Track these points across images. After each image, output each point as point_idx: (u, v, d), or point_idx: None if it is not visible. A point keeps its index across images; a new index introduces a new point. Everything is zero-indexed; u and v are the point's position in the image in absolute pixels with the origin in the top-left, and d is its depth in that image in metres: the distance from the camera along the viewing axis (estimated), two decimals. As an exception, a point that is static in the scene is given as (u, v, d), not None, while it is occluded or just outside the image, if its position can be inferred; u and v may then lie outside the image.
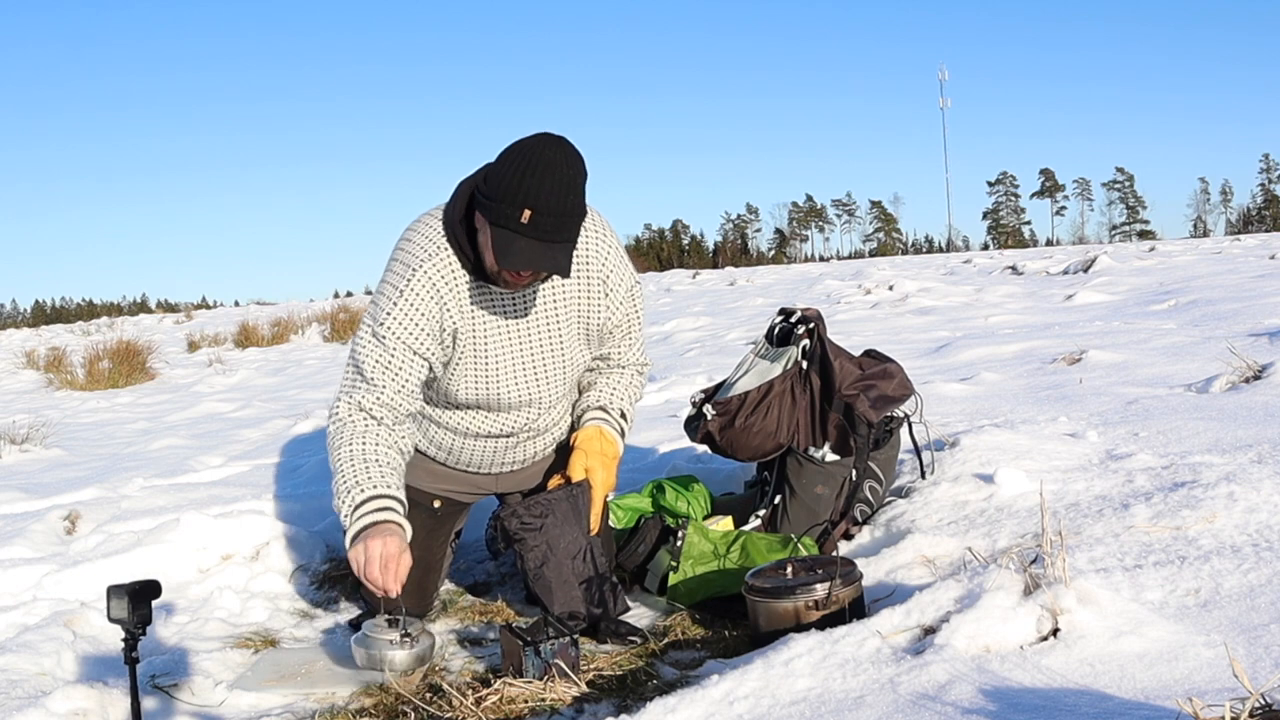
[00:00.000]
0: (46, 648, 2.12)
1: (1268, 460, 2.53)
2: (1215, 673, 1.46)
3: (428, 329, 2.16)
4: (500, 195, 1.98)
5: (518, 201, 1.97)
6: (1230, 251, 15.09)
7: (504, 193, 1.98)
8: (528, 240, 1.99)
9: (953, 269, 17.16)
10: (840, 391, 2.58)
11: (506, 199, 1.97)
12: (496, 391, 2.26)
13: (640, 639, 2.20)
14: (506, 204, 1.97)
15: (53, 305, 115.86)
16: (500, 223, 1.99)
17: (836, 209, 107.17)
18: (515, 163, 1.98)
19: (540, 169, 1.97)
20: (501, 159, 2.02)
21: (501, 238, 2.00)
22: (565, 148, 2.01)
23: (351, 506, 2.10)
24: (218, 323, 21.11)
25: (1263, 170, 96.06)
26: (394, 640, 2.03)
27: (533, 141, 2.01)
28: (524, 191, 1.96)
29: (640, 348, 2.47)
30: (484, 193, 2.03)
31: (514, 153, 2.01)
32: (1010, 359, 5.33)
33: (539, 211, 1.97)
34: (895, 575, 2.23)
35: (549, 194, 1.97)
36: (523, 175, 1.97)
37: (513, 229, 1.98)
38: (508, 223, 1.98)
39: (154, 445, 5.30)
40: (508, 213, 1.98)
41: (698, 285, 19.71)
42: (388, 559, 2.03)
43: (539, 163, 1.97)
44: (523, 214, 1.97)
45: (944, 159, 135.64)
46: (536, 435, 2.43)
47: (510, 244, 1.99)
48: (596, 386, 2.44)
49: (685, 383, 5.55)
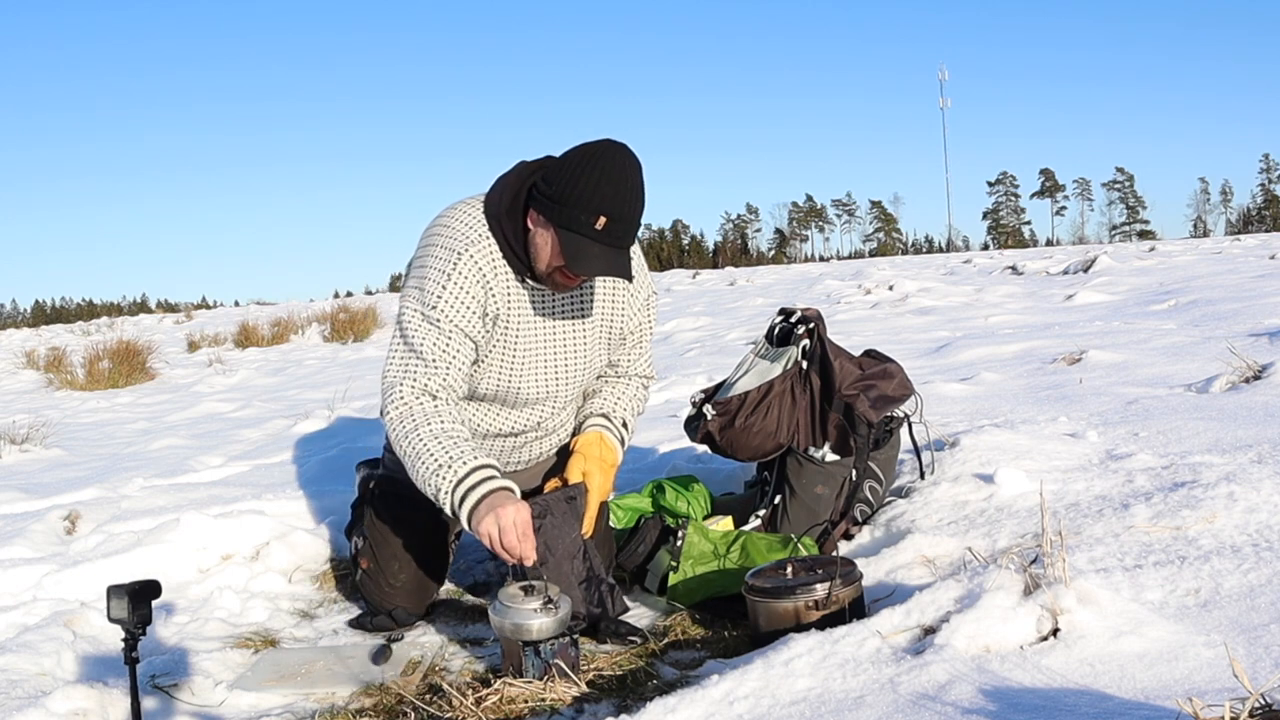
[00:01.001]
0: (46, 648, 2.12)
1: (1268, 460, 2.53)
2: (1215, 673, 1.46)
3: (476, 311, 2.14)
4: (574, 200, 1.99)
5: (594, 208, 1.98)
6: (1230, 251, 15.09)
7: (579, 198, 1.98)
8: (601, 247, 2.01)
9: (953, 269, 17.16)
10: (840, 391, 2.58)
11: (581, 204, 1.98)
12: (519, 385, 2.25)
13: (640, 639, 2.20)
14: (581, 209, 1.98)
15: (53, 305, 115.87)
16: (572, 227, 2.00)
17: (836, 209, 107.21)
18: (588, 168, 1.99)
19: (615, 176, 1.98)
20: (570, 162, 2.02)
21: (573, 242, 2.01)
22: (632, 155, 2.03)
23: (454, 481, 2.02)
24: (218, 323, 21.10)
25: (1263, 170, 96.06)
26: (536, 609, 1.95)
27: (603, 147, 2.02)
28: (600, 198, 1.97)
29: (648, 360, 2.48)
30: (549, 195, 2.02)
31: (584, 157, 2.00)
32: (1010, 359, 5.33)
33: (614, 219, 1.99)
34: (895, 575, 2.23)
35: (623, 201, 1.99)
36: (598, 182, 1.98)
37: (586, 234, 1.99)
38: (580, 228, 1.99)
39: (154, 445, 5.30)
40: (582, 219, 1.99)
41: (698, 285, 19.71)
42: (523, 526, 1.99)
43: (613, 170, 1.99)
44: (598, 220, 1.98)
45: (944, 159, 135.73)
46: (544, 436, 2.43)
47: (583, 249, 2.01)
48: (601, 394, 2.44)
49: (685, 383, 5.55)
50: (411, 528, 2.40)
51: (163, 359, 11.54)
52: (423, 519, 2.40)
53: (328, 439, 4.64)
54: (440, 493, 2.04)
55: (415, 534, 2.40)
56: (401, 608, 2.39)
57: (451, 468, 2.02)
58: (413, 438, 2.08)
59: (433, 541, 2.42)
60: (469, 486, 2.01)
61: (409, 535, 2.40)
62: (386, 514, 2.42)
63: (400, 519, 2.40)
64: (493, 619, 2.00)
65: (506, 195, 2.14)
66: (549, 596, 1.98)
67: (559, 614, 1.96)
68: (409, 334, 2.15)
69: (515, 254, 2.14)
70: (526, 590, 2.00)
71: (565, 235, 2.01)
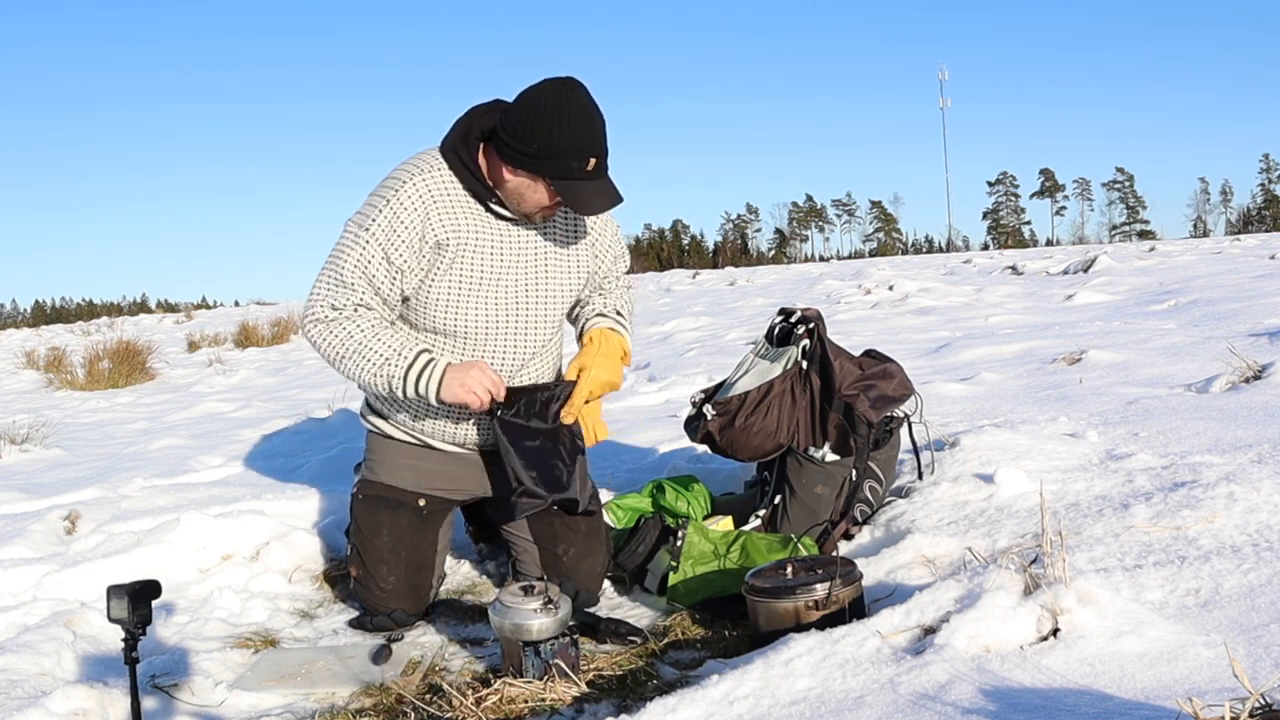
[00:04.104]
0: (46, 648, 2.12)
1: (1268, 460, 2.53)
2: (1215, 673, 1.46)
3: (410, 239, 2.18)
4: (561, 152, 2.05)
5: (581, 153, 2.06)
6: (1230, 251, 15.08)
7: (565, 149, 2.05)
8: (595, 184, 2.11)
9: (953, 269, 17.16)
10: (840, 391, 2.58)
11: (571, 154, 2.06)
12: (473, 316, 2.25)
13: (640, 639, 2.20)
14: (572, 158, 2.06)
15: (53, 305, 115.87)
16: (565, 176, 2.08)
17: (836, 209, 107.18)
18: (559, 117, 2.04)
19: (588, 117, 2.06)
20: (537, 113, 2.05)
21: (570, 190, 2.10)
22: (585, 88, 2.10)
23: (404, 368, 2.13)
24: (218, 323, 21.10)
25: (1263, 170, 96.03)
26: (536, 609, 1.95)
27: (564, 93, 2.06)
28: (584, 142, 2.06)
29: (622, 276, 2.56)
30: (532, 153, 2.07)
31: (551, 107, 2.05)
32: (1010, 359, 5.33)
33: (599, 156, 2.09)
34: (895, 575, 2.23)
35: (602, 137, 2.09)
36: (577, 128, 2.05)
37: (581, 178, 2.09)
38: (574, 175, 2.08)
39: (154, 445, 5.30)
40: (574, 166, 2.07)
41: (698, 285, 19.71)
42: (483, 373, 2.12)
43: (584, 111, 2.06)
44: (589, 163, 2.07)
45: (944, 159, 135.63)
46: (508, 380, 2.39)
47: (582, 192, 2.10)
48: (590, 302, 2.47)
49: (685, 383, 5.55)
50: (395, 529, 2.39)
51: (163, 359, 11.54)
52: (405, 519, 2.39)
53: (328, 439, 4.64)
54: (393, 381, 2.14)
55: (399, 535, 2.39)
56: (400, 609, 2.39)
57: (401, 355, 2.13)
58: (342, 340, 2.16)
59: (419, 541, 2.41)
60: (421, 367, 2.13)
61: (393, 537, 2.39)
62: (368, 519, 2.41)
63: (382, 522, 2.39)
64: (493, 619, 2.00)
65: (459, 130, 2.21)
66: (549, 596, 1.98)
67: (559, 614, 1.97)
68: (335, 256, 2.21)
69: (476, 179, 2.19)
70: (526, 590, 2.00)
71: (561, 185, 2.10)
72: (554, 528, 2.44)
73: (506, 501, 2.31)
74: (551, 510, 2.37)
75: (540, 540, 2.46)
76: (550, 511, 2.39)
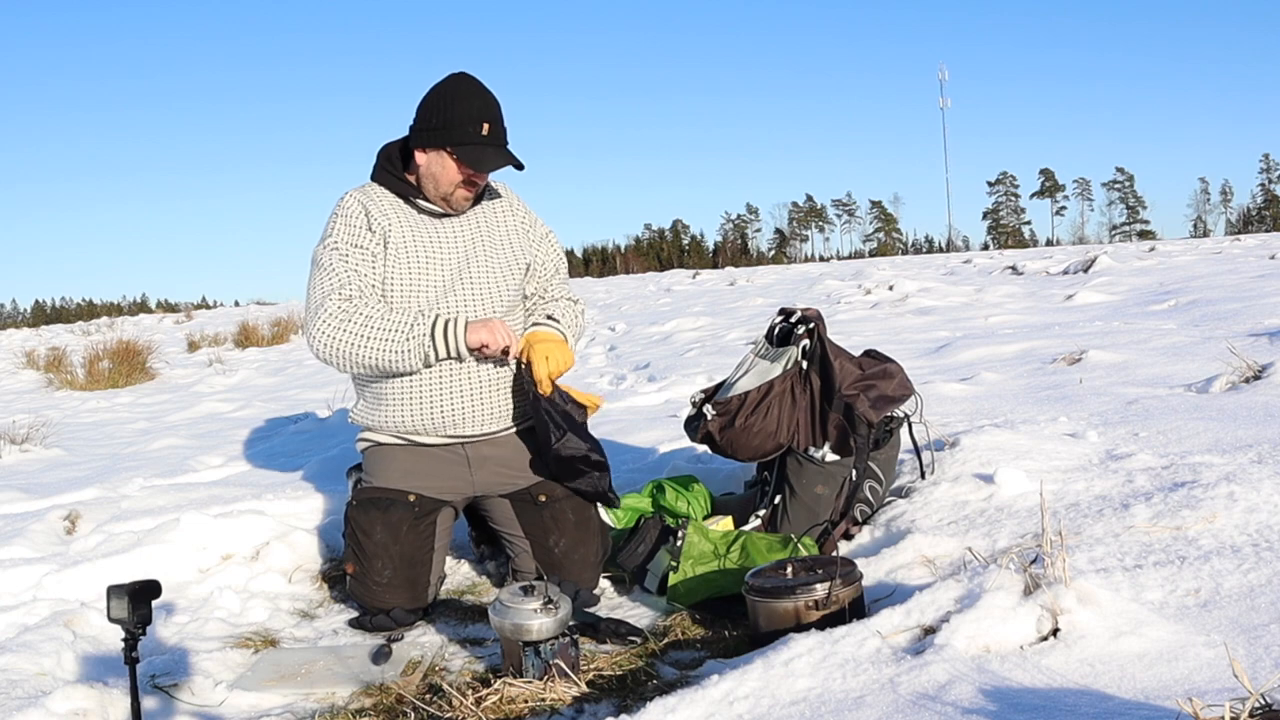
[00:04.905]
0: (46, 648, 2.12)
1: (1268, 460, 2.53)
2: (1215, 673, 1.46)
3: (362, 227, 2.44)
4: (457, 121, 2.36)
5: (474, 119, 2.36)
6: (1230, 251, 15.08)
7: (459, 118, 2.36)
8: (493, 148, 2.39)
9: (953, 269, 17.16)
10: (840, 391, 2.58)
11: (465, 121, 2.35)
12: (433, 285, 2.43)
13: (640, 639, 2.20)
14: (468, 124, 2.35)
15: (53, 305, 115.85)
16: (463, 141, 2.36)
17: (836, 209, 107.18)
18: (452, 95, 2.38)
19: (477, 91, 2.40)
20: (435, 98, 2.39)
21: (468, 152, 2.38)
22: (474, 75, 2.43)
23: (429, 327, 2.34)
24: (218, 323, 21.11)
25: (1263, 170, 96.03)
26: (536, 609, 1.96)
27: (454, 77, 2.42)
28: (475, 110, 2.37)
29: (568, 289, 2.72)
30: (432, 128, 2.38)
31: (445, 90, 2.39)
32: (1010, 359, 5.33)
33: (492, 122, 2.39)
34: (895, 575, 2.23)
35: (492, 107, 2.40)
36: (469, 100, 2.38)
37: (477, 142, 2.37)
38: (471, 139, 2.37)
39: (154, 445, 5.30)
40: (470, 130, 2.36)
41: (698, 285, 19.72)
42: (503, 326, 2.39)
43: (473, 88, 2.40)
44: (482, 128, 2.37)
45: (944, 159, 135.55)
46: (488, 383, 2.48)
47: (478, 153, 2.38)
48: (536, 312, 2.64)
49: (685, 383, 5.55)
50: (389, 525, 2.40)
51: (163, 359, 11.54)
52: (398, 514, 2.41)
53: (328, 439, 4.64)
54: (424, 339, 2.33)
55: (393, 529, 2.40)
56: (397, 606, 2.39)
57: (425, 317, 2.35)
58: (362, 326, 2.33)
59: (413, 535, 2.42)
60: (445, 322, 2.35)
61: (387, 532, 2.40)
62: (363, 518, 2.42)
63: (376, 519, 2.41)
64: (493, 619, 2.01)
65: (380, 157, 2.53)
66: (549, 596, 1.98)
67: (559, 614, 1.97)
68: (318, 270, 2.42)
69: (404, 183, 2.48)
70: (526, 590, 2.01)
71: (461, 150, 2.37)
72: (543, 520, 2.47)
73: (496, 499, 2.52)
74: (539, 501, 2.48)
75: (531, 534, 2.49)
76: (539, 503, 2.48)
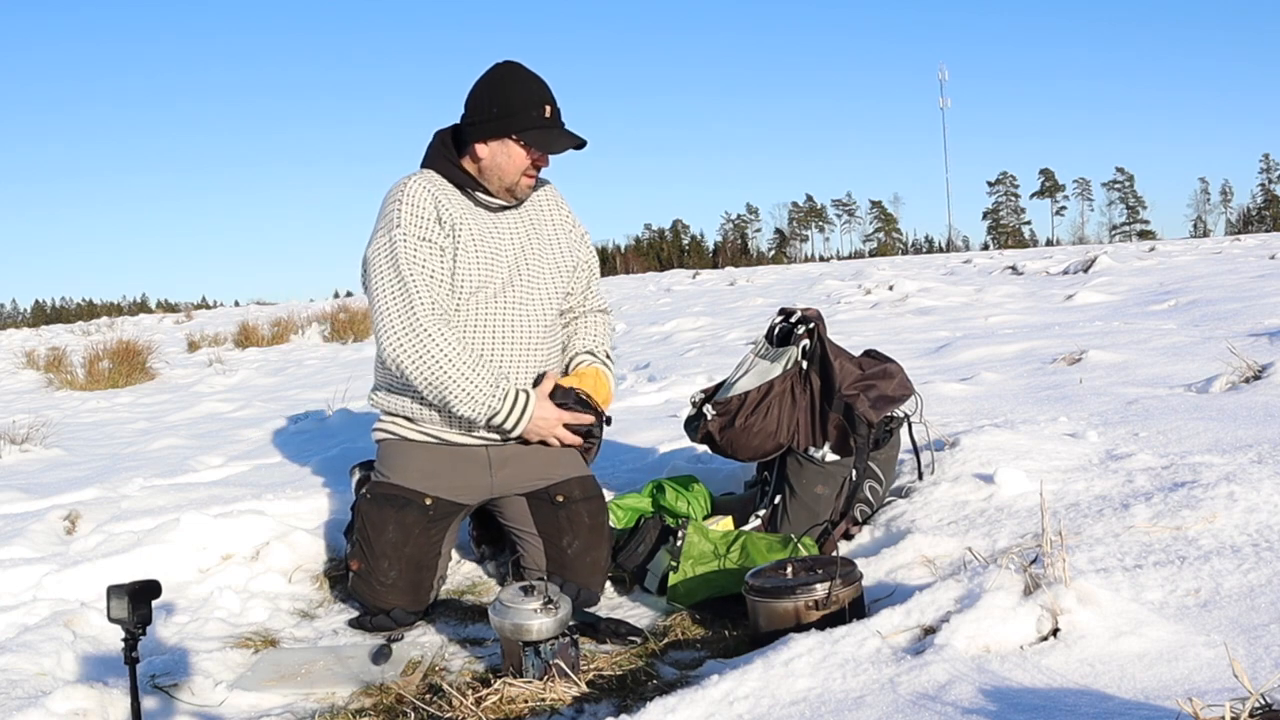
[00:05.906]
0: (46, 648, 2.12)
1: (1268, 460, 2.53)
2: (1215, 673, 1.46)
3: (431, 217, 2.39)
4: (516, 107, 2.35)
5: (535, 103, 2.37)
6: (1230, 251, 15.07)
7: (519, 104, 2.36)
8: (558, 129, 2.40)
9: (953, 269, 17.15)
10: (840, 391, 2.58)
11: (526, 106, 2.36)
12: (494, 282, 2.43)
13: (640, 639, 2.20)
14: (530, 109, 2.36)
15: (53, 305, 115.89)
16: (529, 126, 2.36)
17: (836, 209, 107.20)
18: (507, 83, 2.38)
19: (531, 78, 2.40)
20: (488, 89, 2.38)
21: (536, 136, 2.38)
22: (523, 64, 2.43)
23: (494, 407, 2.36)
24: (218, 323, 21.10)
25: (1263, 170, 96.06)
26: (536, 609, 1.96)
27: (505, 66, 2.41)
28: (533, 95, 2.37)
29: (600, 296, 2.75)
30: (492, 118, 2.36)
31: (496, 79, 2.39)
32: (1010, 359, 5.32)
33: (552, 104, 2.40)
34: (895, 575, 2.23)
35: (547, 90, 2.41)
36: (525, 85, 2.38)
37: (542, 125, 2.38)
38: (535, 124, 2.37)
39: (154, 445, 5.30)
40: (533, 115, 2.36)
41: (698, 285, 19.71)
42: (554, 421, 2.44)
43: (525, 75, 2.40)
44: (544, 110, 2.38)
45: (944, 159, 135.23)
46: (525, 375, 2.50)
47: (547, 136, 2.39)
48: (578, 334, 2.66)
49: (685, 383, 5.55)
50: (401, 525, 2.40)
51: (163, 359, 11.54)
52: (412, 516, 2.40)
53: (328, 439, 4.64)
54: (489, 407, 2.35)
55: (404, 531, 2.40)
56: (398, 607, 2.39)
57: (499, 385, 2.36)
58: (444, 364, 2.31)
59: (423, 539, 2.41)
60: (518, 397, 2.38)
61: (398, 533, 2.39)
62: (375, 514, 2.42)
63: (388, 518, 2.40)
64: (493, 619, 2.01)
65: (433, 144, 2.49)
66: (549, 597, 1.98)
67: (559, 614, 1.97)
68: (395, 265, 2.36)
69: (464, 173, 2.45)
70: (526, 590, 2.00)
71: (527, 135, 2.37)
72: (559, 520, 2.46)
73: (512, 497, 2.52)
74: (556, 501, 2.48)
75: (545, 533, 2.48)
76: (556, 503, 2.47)
